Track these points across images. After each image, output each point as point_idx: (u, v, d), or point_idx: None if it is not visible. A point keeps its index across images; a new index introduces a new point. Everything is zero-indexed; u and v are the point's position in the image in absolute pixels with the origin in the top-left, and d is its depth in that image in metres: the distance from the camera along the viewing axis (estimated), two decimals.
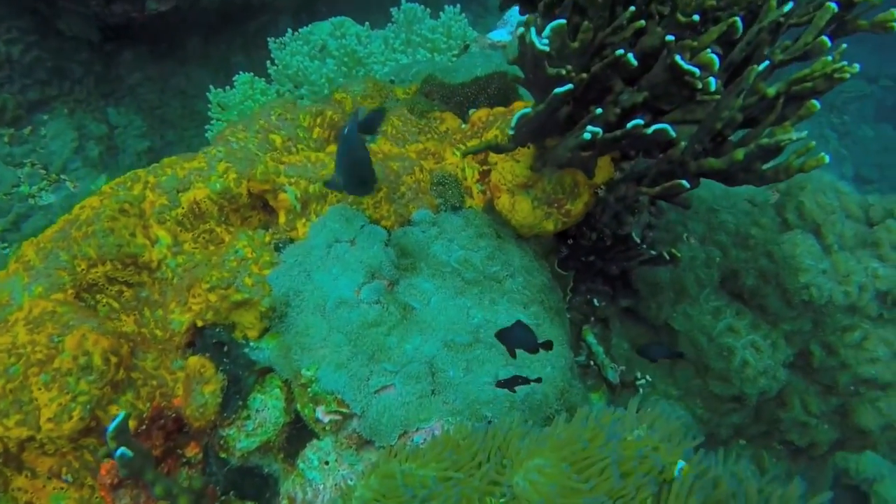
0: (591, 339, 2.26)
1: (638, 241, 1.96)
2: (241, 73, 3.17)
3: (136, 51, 4.06)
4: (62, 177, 3.86)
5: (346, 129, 1.33)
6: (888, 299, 2.09)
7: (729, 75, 1.70)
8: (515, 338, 1.24)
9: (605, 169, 1.77)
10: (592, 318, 2.29)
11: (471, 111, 2.14)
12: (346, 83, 2.34)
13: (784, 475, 2.34)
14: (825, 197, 2.16)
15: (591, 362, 2.26)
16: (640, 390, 2.19)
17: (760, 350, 2.08)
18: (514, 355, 1.29)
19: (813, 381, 2.19)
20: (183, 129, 4.07)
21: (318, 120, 1.98)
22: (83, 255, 1.51)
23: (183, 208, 1.58)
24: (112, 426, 1.18)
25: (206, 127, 3.15)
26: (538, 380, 1.28)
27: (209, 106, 3.17)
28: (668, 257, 2.02)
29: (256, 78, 3.13)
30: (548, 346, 1.26)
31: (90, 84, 3.96)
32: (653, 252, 2.00)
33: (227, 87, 3.21)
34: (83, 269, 1.52)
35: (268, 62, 3.09)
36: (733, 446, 2.32)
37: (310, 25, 3.19)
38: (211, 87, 3.22)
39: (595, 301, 2.25)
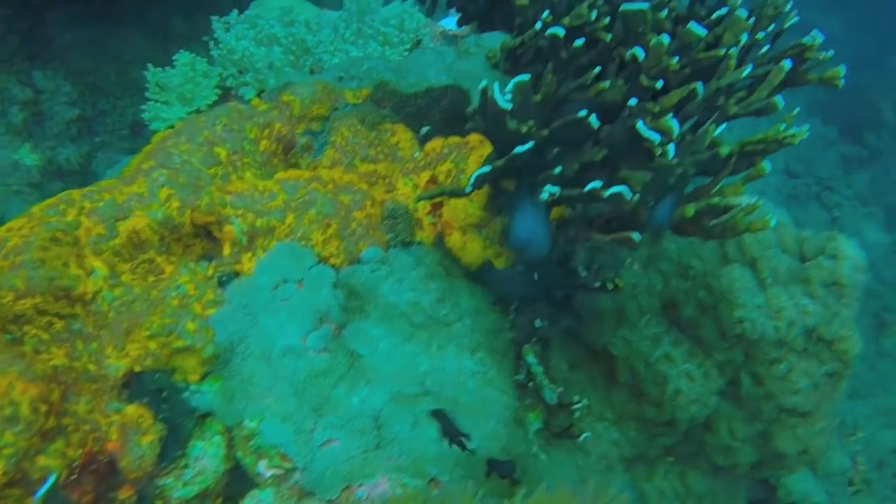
0: (530, 358, 2.29)
1: (583, 274, 1.98)
2: (181, 51, 3.00)
3: (67, 10, 3.80)
4: None
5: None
6: (814, 335, 2.18)
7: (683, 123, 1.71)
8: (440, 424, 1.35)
9: (556, 210, 1.77)
10: (534, 339, 2.32)
11: (423, 130, 2.09)
12: (294, 84, 2.26)
13: (706, 491, 2.45)
14: (764, 232, 2.22)
15: (530, 382, 2.30)
16: (576, 413, 2.24)
17: (694, 379, 2.15)
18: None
19: (740, 408, 2.28)
20: (116, 98, 3.86)
21: (266, 132, 1.91)
22: (10, 287, 1.42)
23: (121, 238, 1.50)
24: (39, 494, 1.13)
25: (143, 107, 2.98)
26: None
27: (146, 76, 3.00)
28: (610, 287, 2.05)
29: (198, 58, 2.98)
30: (461, 444, 1.36)
31: (13, 43, 3.70)
32: (597, 284, 2.02)
33: (167, 64, 3.04)
34: (9, 301, 1.43)
35: (211, 42, 2.94)
36: (661, 464, 2.41)
37: (256, 6, 3.05)
38: (150, 60, 3.05)
39: (537, 322, 2.27)
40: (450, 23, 3.29)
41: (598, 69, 1.41)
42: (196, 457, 1.42)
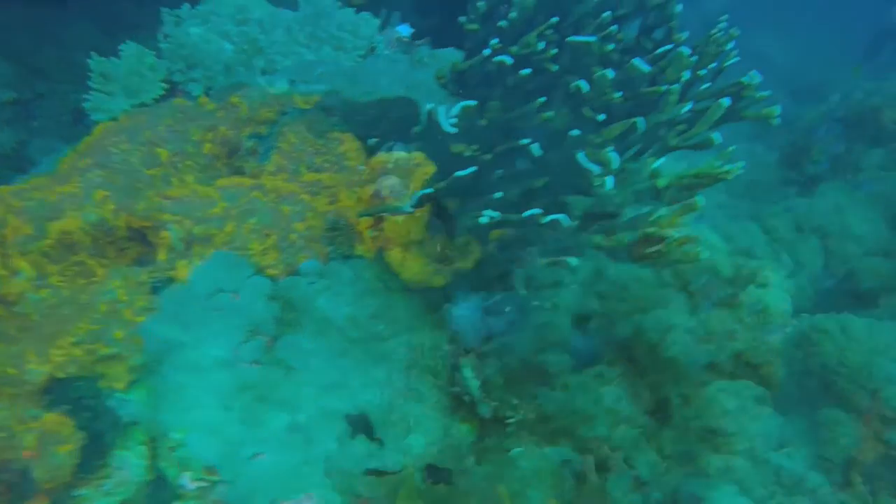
0: (467, 372, 2.30)
1: (522, 293, 2.01)
2: (128, 41, 2.92)
3: None
4: None
5: None
6: (741, 359, 2.26)
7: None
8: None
9: (496, 231, 1.79)
10: (471, 352, 2.33)
11: (370, 141, 2.08)
12: (245, 88, 2.23)
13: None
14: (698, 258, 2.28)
15: (466, 395, 2.31)
16: (510, 427, 2.26)
17: (625, 399, 2.20)
18: None
19: (668, 427, 2.34)
20: (56, 82, 3.73)
21: (210, 135, 1.88)
22: None
23: (51, 239, 1.46)
24: None
25: (85, 96, 2.89)
26: None
27: (89, 62, 2.91)
28: (548, 306, 2.08)
29: (146, 50, 2.90)
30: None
31: None
32: (535, 303, 2.05)
33: (113, 51, 2.95)
34: None
35: (160, 34, 2.87)
36: (591, 478, 2.45)
37: (209, 0, 2.98)
38: (95, 46, 2.95)
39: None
40: (405, 29, 3.28)
41: (543, 99, 1.43)
42: (117, 467, 1.38)
